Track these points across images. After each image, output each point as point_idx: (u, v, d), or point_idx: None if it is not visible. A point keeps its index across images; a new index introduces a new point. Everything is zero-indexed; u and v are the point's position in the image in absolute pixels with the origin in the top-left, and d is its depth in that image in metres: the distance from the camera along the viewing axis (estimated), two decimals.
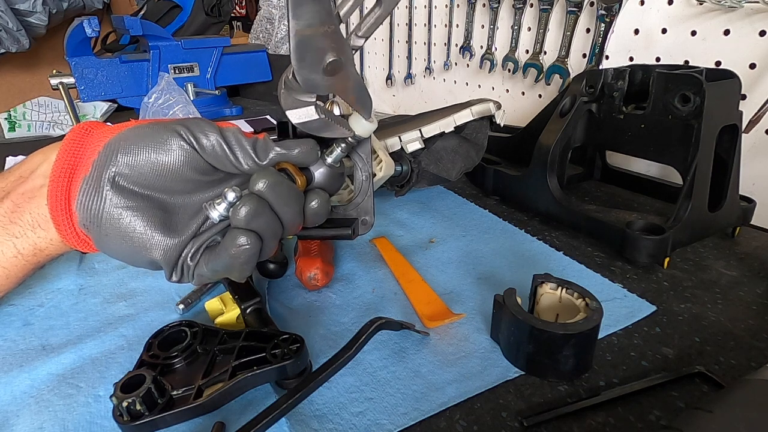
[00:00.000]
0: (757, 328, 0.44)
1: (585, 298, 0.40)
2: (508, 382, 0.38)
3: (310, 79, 0.31)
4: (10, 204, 0.34)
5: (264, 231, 0.32)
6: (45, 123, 1.12)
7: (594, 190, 0.74)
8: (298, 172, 0.35)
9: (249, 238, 0.31)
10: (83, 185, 0.32)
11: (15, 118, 1.09)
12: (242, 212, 0.31)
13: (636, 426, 0.34)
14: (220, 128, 0.33)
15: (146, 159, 0.32)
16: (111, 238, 0.32)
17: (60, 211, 0.32)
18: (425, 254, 0.57)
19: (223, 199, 0.31)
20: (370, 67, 1.39)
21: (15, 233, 0.34)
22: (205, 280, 0.34)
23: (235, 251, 0.31)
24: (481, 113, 0.65)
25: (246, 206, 0.31)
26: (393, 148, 0.61)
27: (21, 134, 1.09)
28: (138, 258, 0.33)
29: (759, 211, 0.59)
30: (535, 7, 0.87)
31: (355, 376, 0.39)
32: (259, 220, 0.32)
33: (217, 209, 0.32)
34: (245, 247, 0.31)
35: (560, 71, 0.85)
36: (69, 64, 1.10)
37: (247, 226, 0.31)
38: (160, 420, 0.33)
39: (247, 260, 0.32)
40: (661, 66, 0.59)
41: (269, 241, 0.33)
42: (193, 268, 0.33)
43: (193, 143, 0.33)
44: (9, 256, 0.34)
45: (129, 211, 0.31)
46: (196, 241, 0.33)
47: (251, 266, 0.33)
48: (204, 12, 1.46)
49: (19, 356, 0.43)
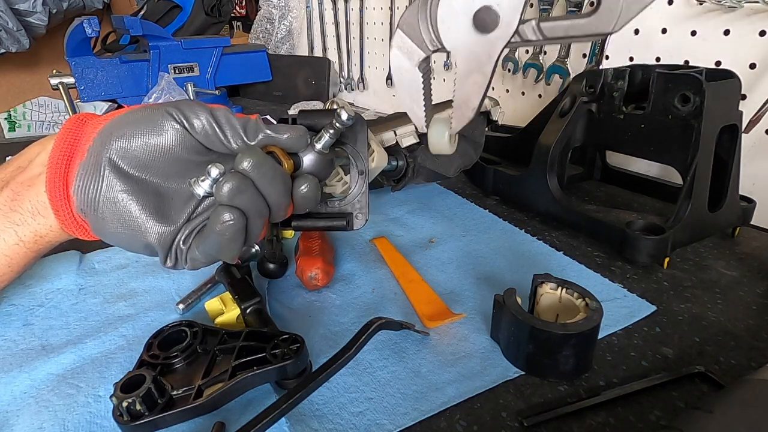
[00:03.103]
0: (757, 328, 0.44)
1: (585, 298, 0.40)
2: (508, 382, 0.38)
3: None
4: (10, 192, 0.34)
5: (248, 209, 0.32)
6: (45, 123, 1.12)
7: (594, 190, 0.74)
8: (286, 156, 0.35)
9: (232, 214, 0.31)
10: (80, 170, 0.32)
11: (15, 118, 1.09)
12: (225, 188, 0.31)
13: (636, 426, 0.34)
14: (210, 108, 0.34)
15: (141, 141, 0.32)
16: (107, 222, 0.32)
17: (58, 198, 0.33)
18: (425, 254, 0.57)
19: (207, 175, 0.32)
20: (370, 67, 1.40)
21: (16, 221, 0.34)
22: (198, 263, 0.34)
23: (219, 227, 0.31)
24: None
25: (229, 182, 0.31)
26: (388, 142, 0.61)
27: (21, 134, 1.09)
28: (134, 242, 0.33)
29: (759, 211, 0.59)
30: (535, 7, 0.87)
31: (355, 376, 0.39)
32: (242, 198, 0.31)
33: (202, 186, 0.32)
34: (229, 223, 0.31)
35: (560, 71, 0.85)
36: (69, 64, 1.10)
37: (231, 202, 0.31)
38: (160, 420, 0.33)
39: (232, 237, 0.31)
40: (661, 66, 0.59)
41: (254, 220, 0.33)
42: (185, 251, 0.34)
43: (184, 123, 0.33)
44: (11, 244, 0.35)
45: (125, 195, 0.32)
46: (188, 226, 0.34)
47: (238, 245, 0.33)
48: (204, 12, 1.46)
49: (19, 356, 0.43)
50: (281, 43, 1.57)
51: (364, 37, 1.36)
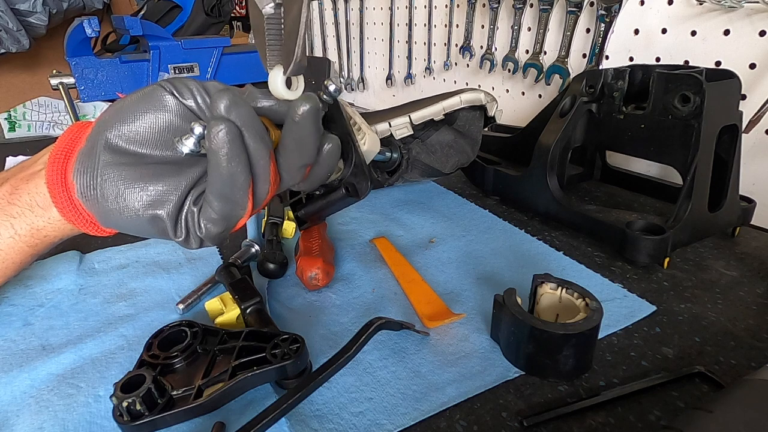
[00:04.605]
0: (757, 328, 0.44)
1: (585, 298, 0.40)
2: (508, 382, 0.38)
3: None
4: (9, 187, 0.35)
5: (243, 121, 0.31)
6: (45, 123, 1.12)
7: (594, 190, 0.74)
8: (273, 126, 0.35)
9: (224, 123, 0.30)
10: (79, 157, 0.33)
11: (15, 118, 1.09)
12: (219, 101, 0.30)
13: (636, 426, 0.34)
14: (200, 81, 0.35)
15: (137, 117, 0.33)
16: (109, 200, 0.32)
17: (57, 185, 0.33)
18: (425, 254, 0.57)
19: (191, 133, 0.31)
20: (370, 67, 1.40)
21: (12, 213, 0.34)
22: (211, 228, 0.33)
23: (215, 141, 0.30)
24: (471, 101, 0.65)
25: (222, 96, 0.30)
26: (383, 134, 0.62)
27: (21, 134, 1.09)
28: (139, 217, 0.32)
29: (759, 211, 0.59)
30: (535, 7, 0.87)
31: (355, 376, 0.39)
32: (238, 110, 0.31)
33: (186, 143, 0.31)
34: (222, 131, 0.30)
35: (560, 71, 0.85)
36: (69, 64, 1.10)
37: (227, 114, 0.30)
38: (160, 420, 0.33)
39: (230, 154, 0.30)
40: (661, 66, 0.59)
41: (254, 139, 0.32)
42: (197, 213, 0.33)
43: (174, 92, 0.34)
44: (5, 237, 0.34)
45: (123, 167, 0.32)
46: (197, 190, 0.33)
47: (242, 168, 0.31)
48: (204, 12, 1.46)
49: (19, 356, 0.43)
50: None
51: (364, 37, 1.36)
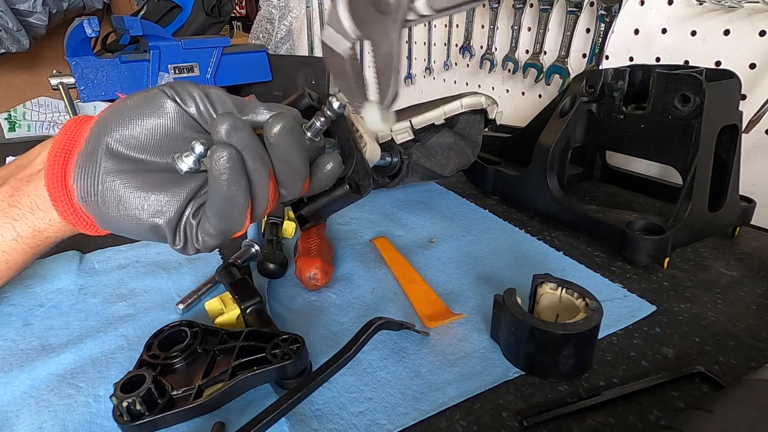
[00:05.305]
0: (757, 328, 0.44)
1: (585, 298, 0.40)
2: (508, 382, 0.38)
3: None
4: (9, 189, 0.34)
5: (244, 146, 0.31)
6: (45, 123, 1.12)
7: (594, 190, 0.74)
8: None
9: (226, 149, 0.30)
10: (78, 160, 0.32)
11: (15, 118, 1.09)
12: (221, 127, 0.30)
13: (636, 426, 0.34)
14: (203, 87, 0.34)
15: (137, 123, 0.32)
16: (110, 208, 0.32)
17: (57, 188, 0.33)
18: (425, 254, 0.57)
19: (191, 151, 0.30)
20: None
21: (14, 216, 0.34)
22: (209, 239, 0.33)
23: (216, 166, 0.30)
24: (472, 106, 0.65)
25: (224, 122, 0.30)
26: (383, 138, 0.61)
27: (21, 134, 1.09)
28: (139, 224, 0.32)
29: (759, 211, 0.59)
30: (535, 7, 0.87)
31: (355, 376, 0.39)
32: (239, 135, 0.30)
33: (185, 161, 0.30)
34: (223, 158, 0.30)
35: (560, 71, 0.85)
36: (69, 64, 1.10)
37: (228, 139, 0.30)
38: (160, 420, 0.33)
39: (231, 178, 0.30)
40: (661, 66, 0.59)
41: (254, 161, 0.32)
42: (195, 226, 0.33)
43: (176, 99, 0.33)
44: (8, 239, 0.34)
45: (124, 175, 0.32)
46: (196, 201, 0.33)
47: (242, 190, 0.31)
48: (204, 12, 1.46)
49: (19, 356, 0.43)
50: (281, 43, 1.57)
51: None
